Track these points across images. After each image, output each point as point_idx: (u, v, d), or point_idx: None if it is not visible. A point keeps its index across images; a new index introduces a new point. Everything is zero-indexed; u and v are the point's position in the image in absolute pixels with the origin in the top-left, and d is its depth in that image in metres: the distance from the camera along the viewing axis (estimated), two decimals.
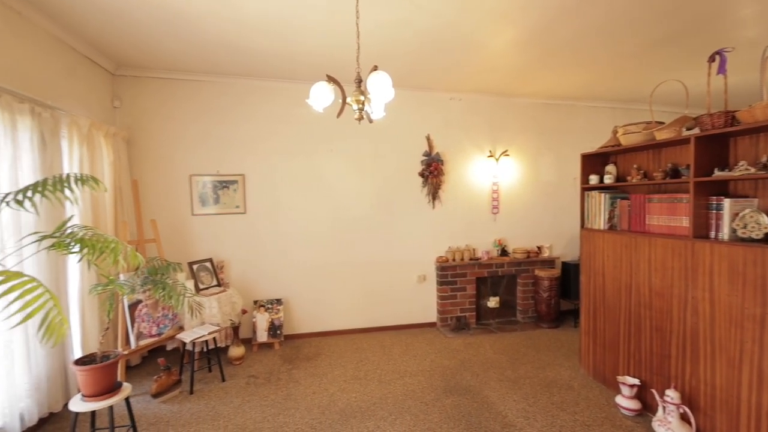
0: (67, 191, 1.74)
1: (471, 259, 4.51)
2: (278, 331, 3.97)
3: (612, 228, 2.98)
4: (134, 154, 3.74)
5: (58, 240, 1.76)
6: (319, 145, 4.17)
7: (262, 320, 3.93)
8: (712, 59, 2.32)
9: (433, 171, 4.37)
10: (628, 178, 2.88)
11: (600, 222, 3.04)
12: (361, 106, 2.09)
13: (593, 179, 3.11)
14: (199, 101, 3.86)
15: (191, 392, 3.02)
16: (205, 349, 3.45)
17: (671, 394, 2.34)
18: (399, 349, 3.89)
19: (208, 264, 3.78)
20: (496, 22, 2.79)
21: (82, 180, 1.79)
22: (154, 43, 3.11)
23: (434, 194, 4.47)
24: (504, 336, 4.21)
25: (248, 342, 3.93)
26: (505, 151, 4.63)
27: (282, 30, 2.88)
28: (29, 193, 1.66)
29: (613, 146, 2.95)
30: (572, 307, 4.63)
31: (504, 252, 4.67)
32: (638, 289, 2.70)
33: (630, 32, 2.99)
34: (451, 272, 4.45)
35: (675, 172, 2.54)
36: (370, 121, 2.24)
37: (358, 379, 3.23)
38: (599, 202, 3.03)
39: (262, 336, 3.91)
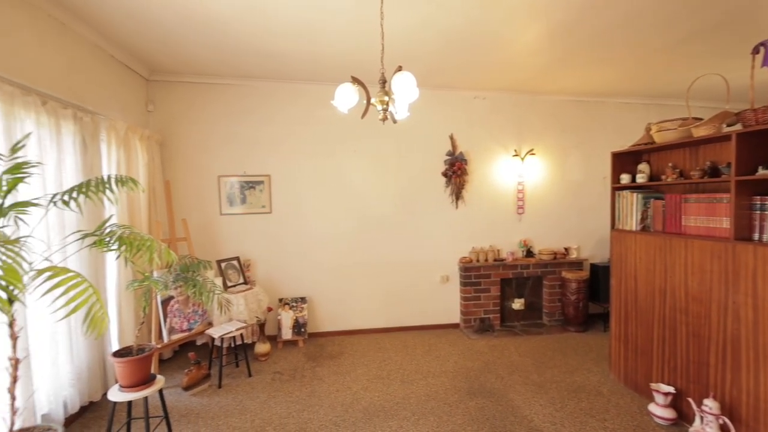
0: (108, 192, 1.83)
1: (495, 260, 4.44)
2: (302, 329, 4.04)
3: (645, 229, 2.87)
4: (166, 156, 3.90)
5: (99, 238, 1.86)
6: (342, 145, 4.21)
7: (286, 318, 4.01)
8: (756, 51, 2.20)
9: (456, 171, 4.33)
10: (663, 177, 2.76)
11: (632, 223, 2.92)
12: (385, 106, 2.10)
13: (625, 178, 2.99)
14: (226, 104, 3.98)
15: (220, 386, 3.12)
16: (232, 345, 3.56)
17: (710, 404, 2.22)
18: (422, 349, 3.88)
19: (235, 262, 3.89)
20: (521, 18, 2.74)
21: (121, 181, 1.89)
22: (185, 49, 3.23)
23: (458, 194, 4.43)
24: (529, 339, 4.12)
25: (273, 339, 4.01)
26: (531, 150, 4.53)
27: (307, 33, 2.93)
28: (74, 194, 1.76)
29: (646, 144, 2.84)
30: (601, 311, 4.48)
31: (529, 253, 4.57)
32: (673, 293, 2.59)
33: (663, 24, 2.87)
34: (474, 273, 4.40)
35: (714, 171, 2.41)
36: (394, 121, 2.25)
37: (381, 378, 3.24)
38: (631, 202, 2.92)
39: (287, 333, 3.99)
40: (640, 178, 2.90)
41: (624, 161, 3.07)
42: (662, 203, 2.72)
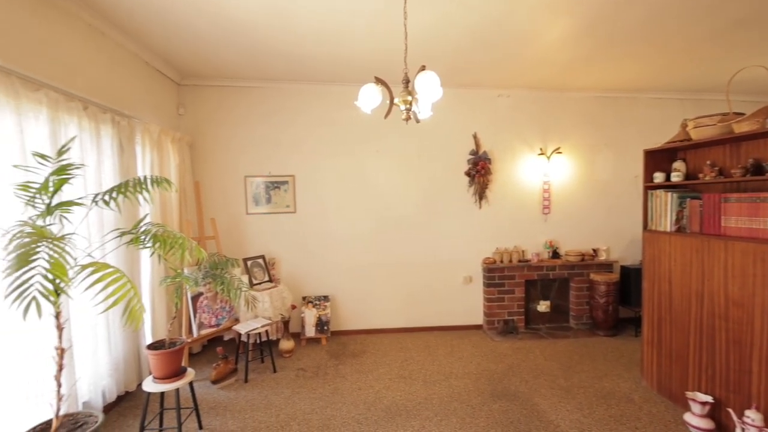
0: (144, 192, 1.93)
1: (520, 261, 4.35)
2: (325, 327, 4.09)
3: (680, 230, 2.74)
4: (196, 157, 4.04)
5: (135, 236, 1.95)
6: (365, 145, 4.24)
7: (310, 316, 4.08)
8: None
9: (480, 170, 4.28)
10: (700, 175, 2.63)
11: (666, 223, 2.80)
12: (408, 106, 2.11)
13: (658, 177, 2.87)
14: (251, 106, 4.09)
15: (246, 380, 3.21)
16: (258, 341, 3.65)
17: (752, 416, 2.10)
18: (444, 350, 3.85)
19: (260, 260, 3.99)
20: (550, 13, 2.68)
21: (157, 182, 1.98)
22: (215, 54, 3.34)
23: (481, 194, 4.37)
24: (555, 342, 4.02)
25: (297, 336, 4.09)
26: (558, 149, 4.41)
27: (331, 36, 2.98)
28: (114, 194, 1.86)
29: (681, 141, 2.71)
30: (632, 315, 4.31)
31: (556, 254, 4.46)
32: (711, 298, 2.46)
33: (702, 14, 2.73)
34: (498, 274, 4.33)
35: (758, 169, 2.28)
36: (417, 120, 2.25)
37: (403, 378, 3.25)
38: (665, 202, 2.80)
39: (310, 331, 4.06)
40: (676, 177, 2.78)
41: (657, 159, 2.95)
42: (699, 203, 2.59)
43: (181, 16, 2.67)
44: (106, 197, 1.86)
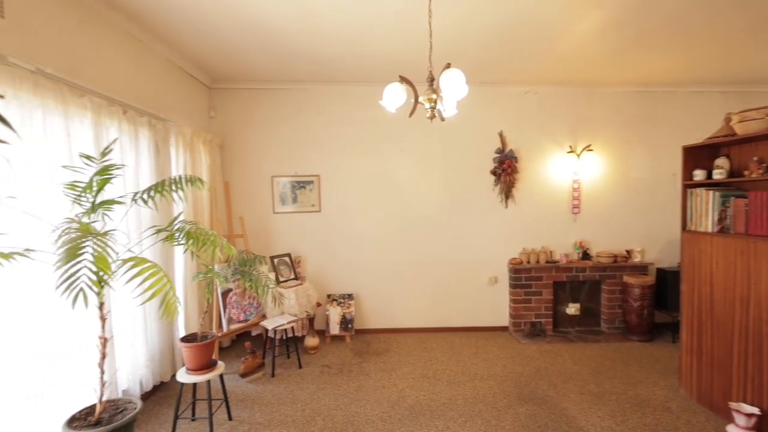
0: (179, 191, 2.02)
1: (548, 262, 4.24)
2: (349, 325, 4.13)
3: (723, 231, 2.58)
4: (226, 158, 4.19)
5: (170, 233, 2.05)
6: (389, 145, 4.25)
7: (334, 314, 4.13)
8: None
9: (506, 169, 4.20)
10: (746, 172, 2.47)
11: (707, 223, 2.65)
12: (433, 104, 2.10)
13: (699, 175, 2.72)
14: (277, 107, 4.19)
15: (273, 375, 3.29)
16: (284, 337, 3.73)
17: None
18: (468, 351, 3.80)
19: (286, 258, 4.08)
20: (578, 5, 2.59)
21: (191, 181, 2.07)
22: (244, 58, 3.45)
23: (507, 193, 4.28)
24: (586, 346, 3.88)
25: (322, 333, 4.15)
26: (588, 146, 4.26)
27: (356, 36, 3.00)
28: (151, 193, 1.95)
29: (725, 136, 2.56)
30: (669, 320, 4.10)
31: (586, 255, 4.31)
32: (758, 303, 2.31)
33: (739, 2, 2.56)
34: (525, 275, 4.23)
35: None
36: (442, 119, 2.23)
37: (426, 377, 3.23)
38: (706, 200, 2.65)
39: (335, 329, 4.11)
40: (718, 174, 2.62)
41: (698, 156, 2.79)
42: (745, 202, 2.44)
43: (215, 23, 2.78)
44: (145, 196, 1.96)
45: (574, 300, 4.36)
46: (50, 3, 2.12)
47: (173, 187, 2.00)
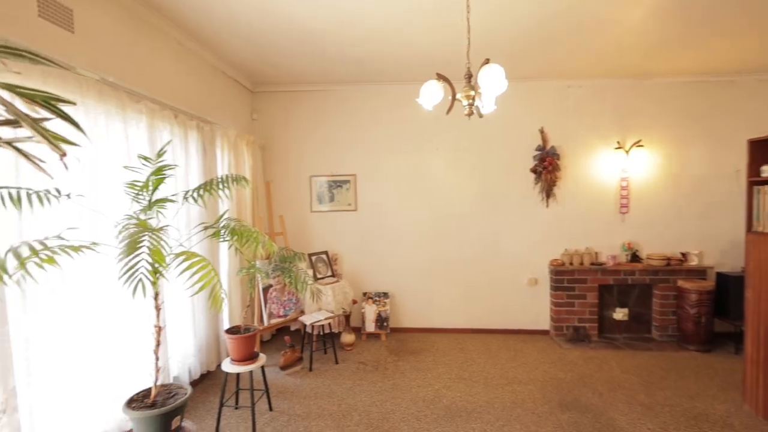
0: (225, 189, 2.13)
1: (592, 264, 4.03)
2: (385, 323, 4.16)
3: None
4: (267, 159, 4.35)
5: (216, 230, 2.16)
6: (424, 143, 4.23)
7: (370, 311, 4.17)
8: None
9: (547, 166, 4.04)
10: None
11: None
12: (471, 101, 2.06)
13: (766, 171, 2.48)
14: (316, 108, 4.29)
15: (311, 369, 3.38)
16: (321, 333, 3.82)
17: None
18: (506, 354, 3.70)
19: (324, 256, 4.17)
20: None
21: (236, 180, 2.18)
22: (284, 62, 3.56)
23: (548, 191, 4.12)
24: (635, 354, 3.65)
25: (357, 330, 4.20)
26: (638, 142, 4.01)
27: (393, 36, 3.02)
28: (201, 192, 2.08)
29: None
30: (732, 329, 3.76)
31: (635, 257, 4.05)
32: None
33: None
34: (567, 277, 4.05)
35: None
36: (480, 115, 2.19)
37: (463, 379, 3.18)
38: None
39: (370, 326, 4.15)
40: None
41: (766, 150, 2.54)
42: None
43: (259, 30, 2.90)
44: (195, 194, 2.08)
45: (622, 305, 4.12)
46: (111, 16, 2.30)
47: (220, 186, 2.11)
